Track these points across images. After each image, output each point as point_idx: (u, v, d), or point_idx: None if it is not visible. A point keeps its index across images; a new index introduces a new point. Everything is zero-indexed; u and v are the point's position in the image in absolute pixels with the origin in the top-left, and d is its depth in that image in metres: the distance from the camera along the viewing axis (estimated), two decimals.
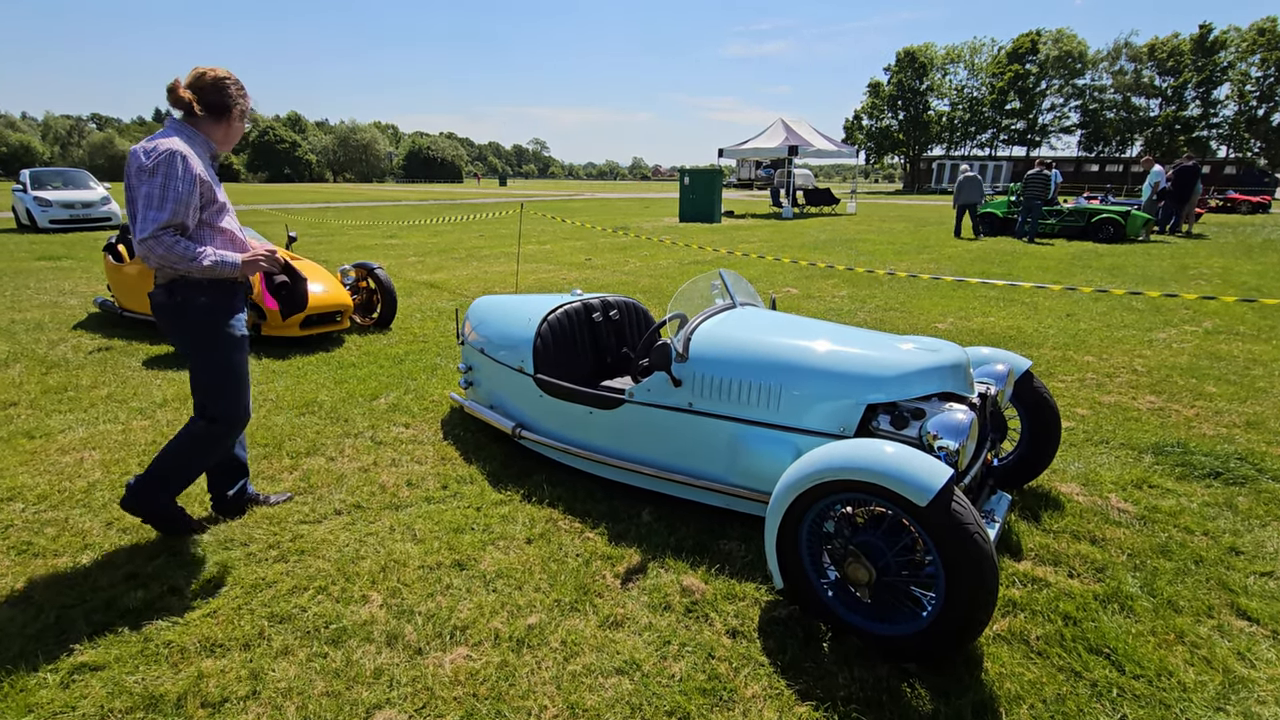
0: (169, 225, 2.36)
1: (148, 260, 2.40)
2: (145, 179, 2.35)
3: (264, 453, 3.63)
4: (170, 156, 2.35)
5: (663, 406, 2.94)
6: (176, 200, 2.36)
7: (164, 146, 2.37)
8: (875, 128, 67.58)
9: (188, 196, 2.39)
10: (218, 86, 2.53)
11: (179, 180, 2.36)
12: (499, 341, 3.72)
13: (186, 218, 2.41)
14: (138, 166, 2.37)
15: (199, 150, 2.50)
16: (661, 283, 9.68)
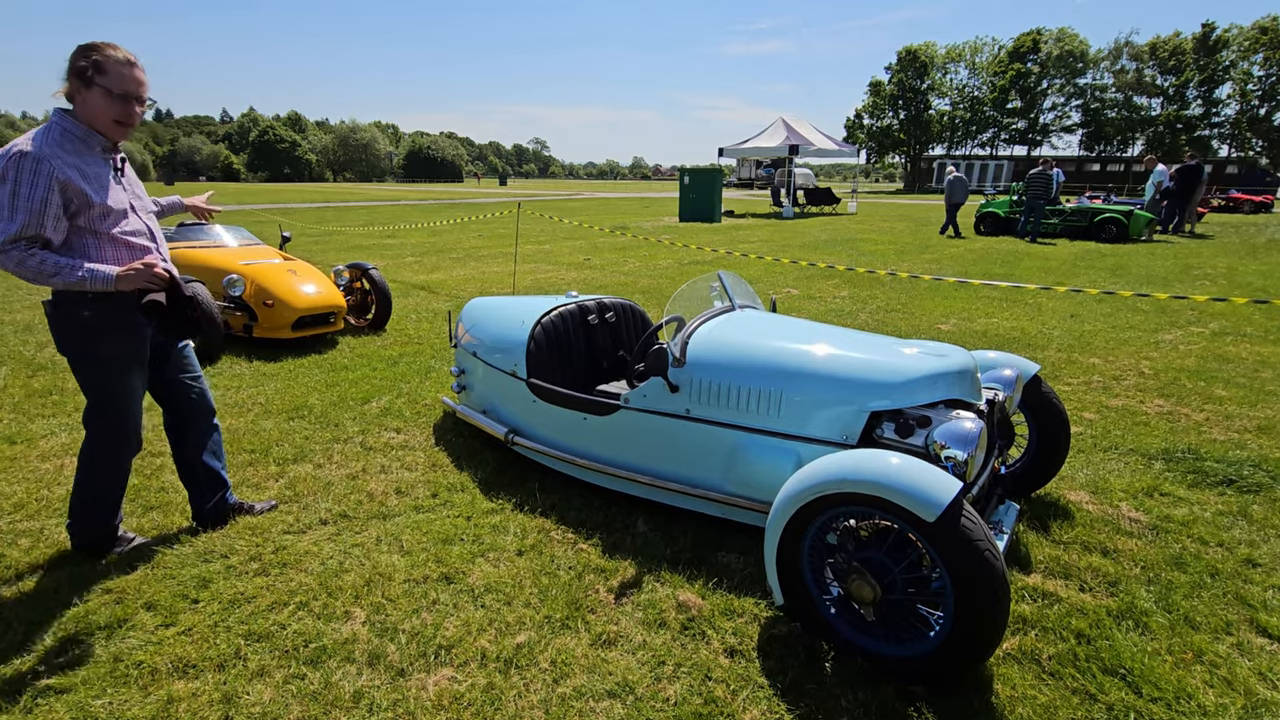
0: (20, 238, 2.09)
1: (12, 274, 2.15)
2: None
3: (250, 459, 3.53)
4: (19, 160, 2.08)
5: (659, 413, 2.85)
6: (29, 211, 2.09)
7: (15, 148, 2.10)
8: (876, 127, 67.41)
9: (40, 205, 2.10)
10: (73, 62, 2.19)
11: (29, 186, 2.08)
12: (492, 345, 3.62)
13: (43, 228, 2.13)
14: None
15: (74, 145, 2.21)
16: (661, 283, 9.58)
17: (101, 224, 2.27)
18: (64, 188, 2.15)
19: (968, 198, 16.71)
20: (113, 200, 2.29)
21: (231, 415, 4.16)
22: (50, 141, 2.17)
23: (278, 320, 5.62)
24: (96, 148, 2.28)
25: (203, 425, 2.79)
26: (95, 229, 2.26)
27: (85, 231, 2.25)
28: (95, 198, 2.23)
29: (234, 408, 4.30)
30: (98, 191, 2.24)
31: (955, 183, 16.53)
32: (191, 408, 2.74)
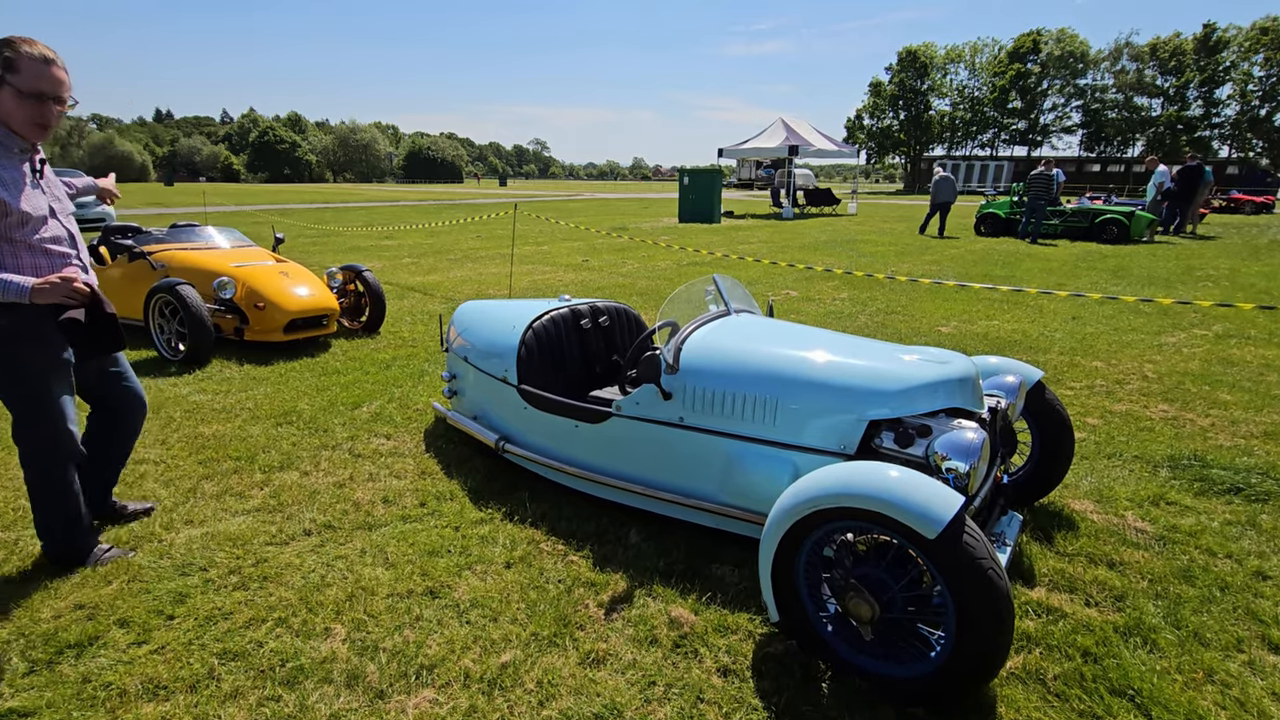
0: None
1: None
2: None
3: (235, 466, 3.45)
4: None
5: (652, 420, 2.77)
6: None
7: None
8: (877, 127, 67.37)
9: None
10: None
11: None
12: (483, 349, 3.54)
13: None
14: None
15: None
16: (659, 285, 9.50)
17: (19, 231, 2.15)
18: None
19: (955, 198, 16.65)
20: (31, 206, 2.17)
21: (218, 421, 4.09)
22: None
23: (269, 323, 5.54)
24: (14, 149, 2.17)
25: (134, 421, 2.73)
26: (11, 236, 2.14)
27: (1, 239, 2.13)
28: (13, 203, 2.11)
29: (221, 413, 4.22)
30: (15, 197, 2.12)
31: (941, 182, 16.47)
32: (122, 396, 2.64)
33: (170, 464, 3.48)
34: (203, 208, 25.33)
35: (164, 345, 5.35)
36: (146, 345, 5.62)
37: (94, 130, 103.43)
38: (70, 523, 2.48)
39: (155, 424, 4.02)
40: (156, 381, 4.81)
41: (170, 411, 4.22)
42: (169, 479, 3.30)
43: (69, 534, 2.49)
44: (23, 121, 2.13)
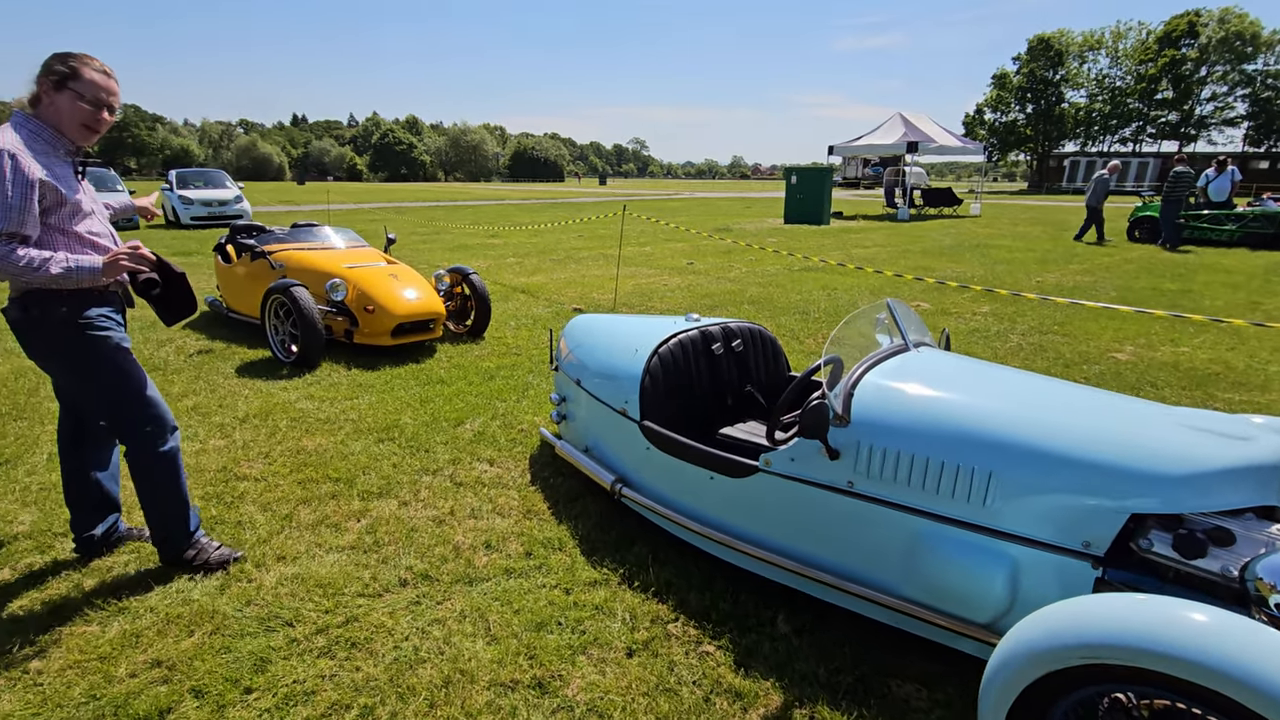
0: (2, 234, 2.06)
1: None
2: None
3: (333, 490, 3.21)
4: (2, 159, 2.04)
5: (811, 483, 2.22)
6: (12, 208, 2.05)
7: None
8: (1000, 122, 62.64)
9: (21, 202, 2.07)
10: (47, 66, 2.19)
11: (9, 184, 2.04)
12: (599, 374, 3.11)
13: (23, 226, 2.09)
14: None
15: (42, 146, 2.18)
16: (771, 292, 8.85)
17: (70, 222, 2.24)
18: (41, 185, 2.12)
19: (1104, 200, 14.79)
20: (79, 198, 2.26)
21: (322, 432, 3.90)
22: (20, 141, 2.14)
23: (377, 327, 5.42)
24: (62, 150, 2.26)
25: (101, 435, 2.62)
26: (64, 227, 2.23)
27: (55, 230, 2.21)
28: (68, 195, 2.21)
29: (325, 424, 4.05)
30: (67, 189, 2.21)
31: (1096, 182, 14.66)
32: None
33: (270, 482, 3.28)
34: (326, 206, 26.94)
35: (278, 346, 5.34)
36: (263, 345, 5.64)
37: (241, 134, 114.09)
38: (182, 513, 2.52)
39: (261, 433, 3.89)
40: (267, 385, 4.75)
41: (277, 420, 4.09)
42: (267, 501, 3.08)
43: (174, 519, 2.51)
44: (75, 124, 2.24)
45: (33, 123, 2.20)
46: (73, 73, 2.19)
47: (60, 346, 2.28)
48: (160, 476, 2.45)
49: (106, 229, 2.40)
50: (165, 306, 2.48)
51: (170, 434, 2.47)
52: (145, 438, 2.41)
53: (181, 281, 2.47)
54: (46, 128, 2.21)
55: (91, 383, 2.34)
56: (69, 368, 2.33)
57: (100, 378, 2.33)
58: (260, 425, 4.01)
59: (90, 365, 2.31)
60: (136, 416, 2.39)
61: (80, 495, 2.58)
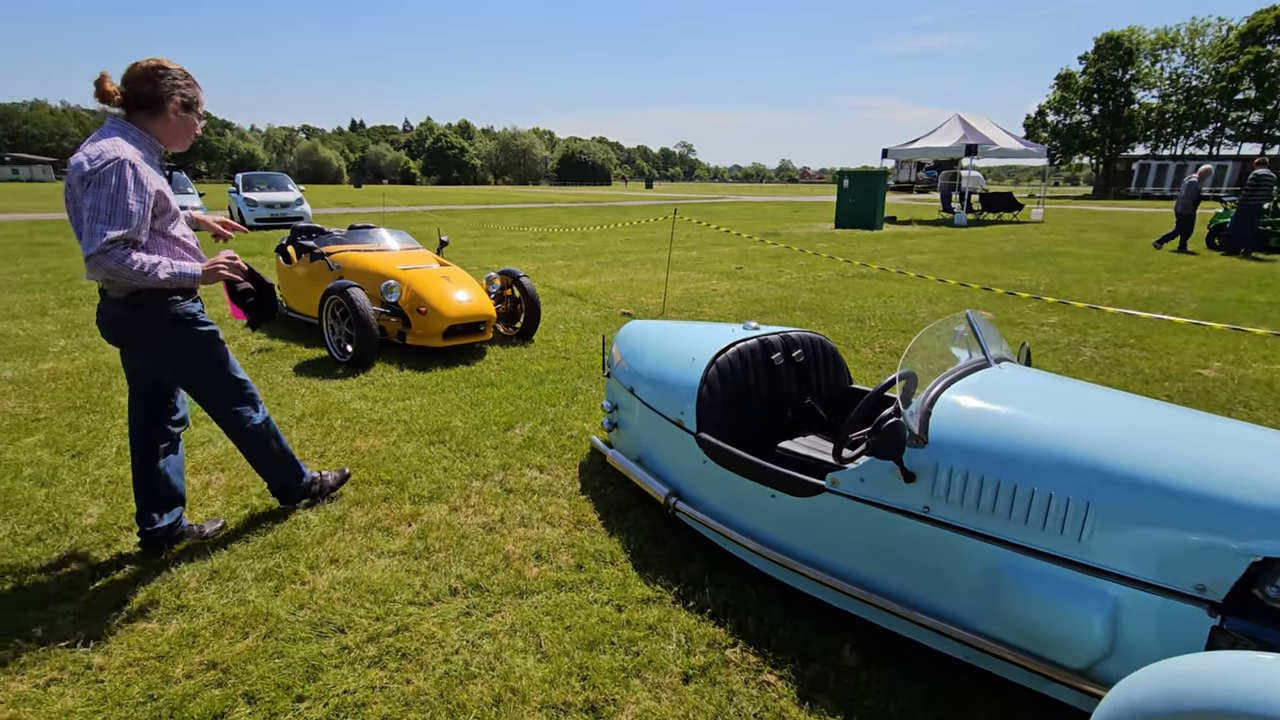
0: (119, 240, 2.15)
1: (94, 275, 2.24)
2: (91, 189, 2.13)
3: (385, 493, 3.20)
4: (119, 166, 2.14)
5: (882, 506, 2.08)
6: (127, 214, 2.15)
7: (110, 153, 2.15)
8: (1063, 124, 60.18)
9: (140, 209, 2.19)
10: (148, 77, 2.30)
11: (129, 192, 2.15)
12: (654, 382, 3.02)
13: (139, 232, 2.21)
14: (80, 175, 2.15)
15: (146, 151, 2.30)
16: (824, 299, 8.62)
17: (169, 227, 2.36)
18: (157, 193, 2.26)
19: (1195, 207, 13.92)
20: (174, 204, 2.40)
21: (375, 433, 3.93)
22: (136, 150, 2.26)
23: (430, 328, 5.46)
24: (157, 158, 2.39)
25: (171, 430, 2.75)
26: (165, 231, 2.35)
27: (157, 234, 2.33)
28: (171, 200, 2.35)
29: (378, 425, 4.08)
30: (169, 196, 2.36)
31: (1186, 188, 13.84)
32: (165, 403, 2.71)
33: None
34: (382, 208, 27.69)
35: (334, 346, 5.43)
36: (320, 344, 5.75)
37: (302, 139, 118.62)
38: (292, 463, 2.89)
39: (316, 432, 3.94)
40: (323, 384, 4.82)
41: (332, 419, 4.14)
42: (321, 502, 3.10)
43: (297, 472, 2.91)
44: (185, 139, 2.45)
45: (131, 129, 2.30)
46: (196, 99, 2.42)
47: (170, 341, 2.44)
48: (267, 443, 2.76)
49: (189, 232, 2.53)
50: (254, 312, 2.71)
51: (260, 405, 2.75)
52: (246, 415, 2.67)
53: (270, 291, 2.70)
54: (146, 136, 2.32)
55: (199, 372, 2.55)
56: (177, 360, 2.50)
57: (206, 366, 2.55)
58: (316, 424, 4.06)
59: (198, 355, 2.52)
60: (237, 397, 2.65)
61: (148, 487, 2.64)
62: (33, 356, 5.44)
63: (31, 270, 10.09)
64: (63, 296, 8.02)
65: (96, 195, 2.12)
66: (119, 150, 2.16)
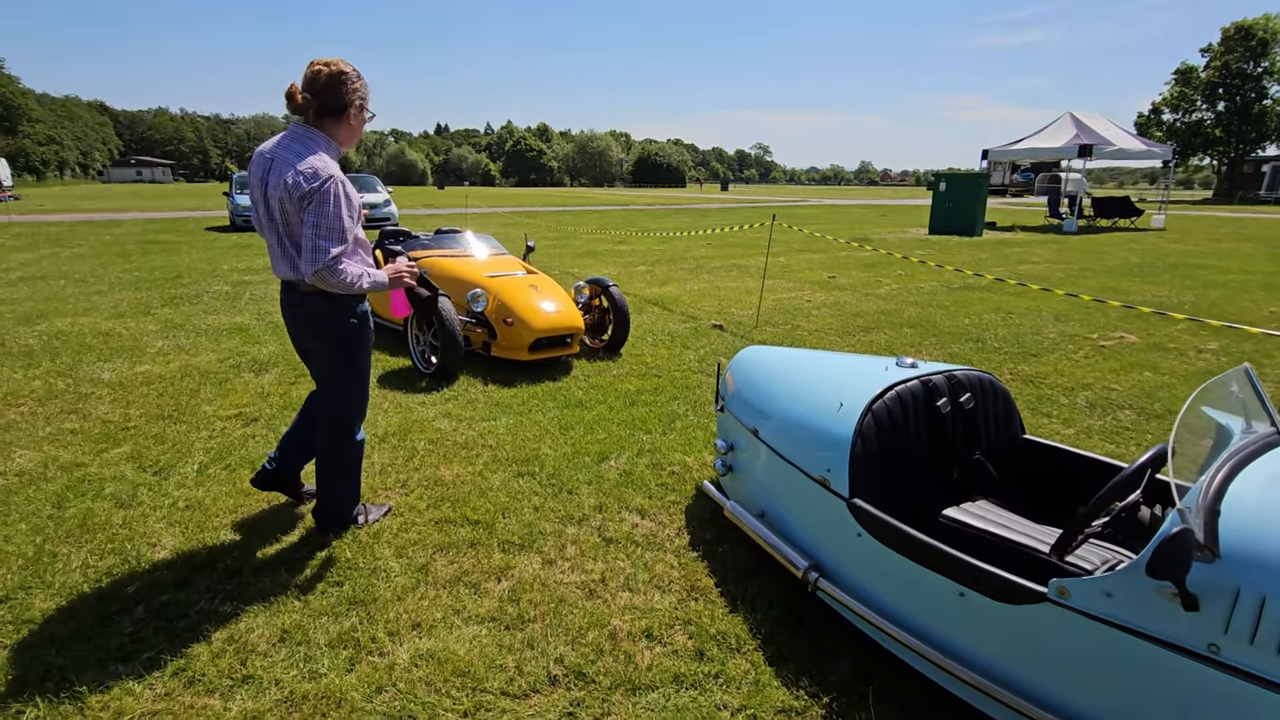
0: (339, 255, 2.32)
1: (313, 283, 2.37)
2: (312, 209, 2.29)
3: (472, 536, 2.85)
4: (336, 185, 2.31)
5: (1141, 635, 1.52)
6: (342, 231, 2.32)
7: (324, 171, 2.30)
8: (1182, 123, 55.29)
9: (351, 224, 2.36)
10: (333, 84, 2.38)
11: (344, 208, 2.32)
12: (787, 426, 2.53)
13: (349, 243, 2.38)
14: (301, 194, 2.28)
15: (334, 156, 2.42)
16: (932, 314, 7.85)
17: (357, 229, 2.46)
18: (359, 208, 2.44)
19: None
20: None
21: (459, 460, 3.61)
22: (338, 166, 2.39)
23: (516, 340, 5.15)
24: (337, 160, 2.47)
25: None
26: (356, 234, 2.45)
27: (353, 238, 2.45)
28: (359, 208, 2.46)
29: (463, 449, 3.76)
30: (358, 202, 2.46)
31: None
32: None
33: (407, 518, 2.99)
34: (465, 209, 28.26)
35: (418, 357, 5.20)
36: (404, 353, 5.56)
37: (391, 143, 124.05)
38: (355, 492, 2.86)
39: (399, 456, 3.66)
40: (406, 399, 4.58)
41: (415, 441, 3.85)
42: (403, 544, 2.77)
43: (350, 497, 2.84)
44: (352, 136, 2.52)
45: (321, 138, 2.42)
46: (366, 97, 2.49)
47: (347, 335, 2.58)
48: (351, 460, 2.77)
49: (361, 233, 2.58)
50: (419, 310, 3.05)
51: (359, 420, 2.78)
52: (352, 428, 2.73)
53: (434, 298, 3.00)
54: (332, 142, 2.44)
55: (352, 368, 2.65)
56: (345, 354, 2.61)
57: (356, 365, 2.66)
58: (399, 446, 3.79)
59: (358, 353, 2.64)
60: (356, 407, 2.72)
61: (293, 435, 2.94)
62: (131, 358, 5.48)
63: (141, 268, 10.57)
64: (165, 295, 8.26)
65: (319, 214, 2.28)
66: (330, 168, 2.31)
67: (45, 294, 8.25)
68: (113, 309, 7.43)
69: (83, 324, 6.65)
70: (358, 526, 2.86)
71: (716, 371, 3.20)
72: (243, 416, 4.19)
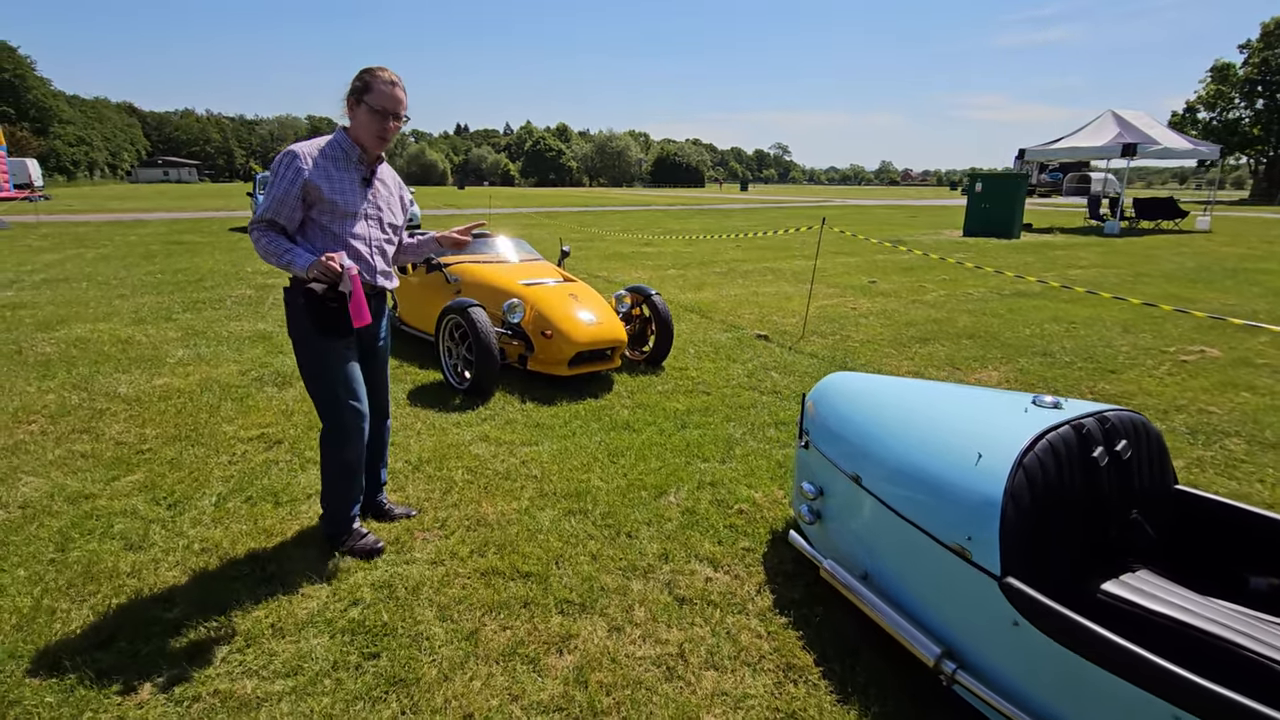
0: (262, 220, 2.36)
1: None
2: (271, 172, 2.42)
3: (525, 593, 2.48)
4: (284, 156, 2.38)
5: None
6: (272, 198, 2.35)
7: (290, 146, 2.40)
8: (1218, 121, 53.75)
9: (283, 194, 2.35)
10: (352, 83, 2.46)
11: (279, 178, 2.35)
12: (904, 478, 2.13)
13: (280, 215, 2.37)
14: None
15: (335, 154, 2.45)
16: (988, 323, 7.37)
17: (327, 219, 2.45)
18: (305, 184, 2.37)
19: None
20: (344, 202, 2.45)
21: (502, 495, 3.24)
22: (315, 145, 2.44)
23: (555, 354, 4.79)
24: (354, 159, 2.49)
25: (384, 431, 2.94)
26: (322, 223, 2.45)
27: (315, 224, 2.45)
28: (327, 195, 2.41)
29: (505, 480, 3.40)
30: (333, 191, 2.42)
31: None
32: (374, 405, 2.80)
33: (449, 568, 2.62)
34: (488, 209, 28.04)
35: (450, 371, 4.86)
36: (434, 364, 5.23)
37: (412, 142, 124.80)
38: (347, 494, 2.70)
39: (436, 488, 3.30)
40: (439, 419, 4.23)
41: (452, 469, 3.50)
42: (446, 602, 2.41)
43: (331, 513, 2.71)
44: (370, 135, 2.47)
45: (339, 135, 2.49)
46: (365, 86, 2.42)
47: (294, 330, 2.52)
48: (329, 470, 2.66)
49: (368, 233, 2.56)
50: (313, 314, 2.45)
51: (349, 441, 2.60)
52: (326, 436, 2.62)
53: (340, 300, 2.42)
54: (347, 140, 2.47)
55: (309, 372, 2.55)
56: (298, 354, 2.55)
57: (313, 369, 2.53)
58: (435, 475, 3.43)
59: (303, 351, 2.53)
60: (330, 414, 2.58)
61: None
62: (150, 369, 5.20)
63: (165, 270, 10.39)
64: (188, 300, 8.03)
65: (270, 179, 2.40)
66: (295, 146, 2.40)
67: (67, 297, 8.06)
68: (134, 314, 7.20)
69: (102, 330, 6.41)
70: (341, 549, 2.70)
71: (802, 405, 2.79)
72: (265, 438, 3.86)
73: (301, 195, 2.36)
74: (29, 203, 24.79)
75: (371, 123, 2.42)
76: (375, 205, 2.57)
